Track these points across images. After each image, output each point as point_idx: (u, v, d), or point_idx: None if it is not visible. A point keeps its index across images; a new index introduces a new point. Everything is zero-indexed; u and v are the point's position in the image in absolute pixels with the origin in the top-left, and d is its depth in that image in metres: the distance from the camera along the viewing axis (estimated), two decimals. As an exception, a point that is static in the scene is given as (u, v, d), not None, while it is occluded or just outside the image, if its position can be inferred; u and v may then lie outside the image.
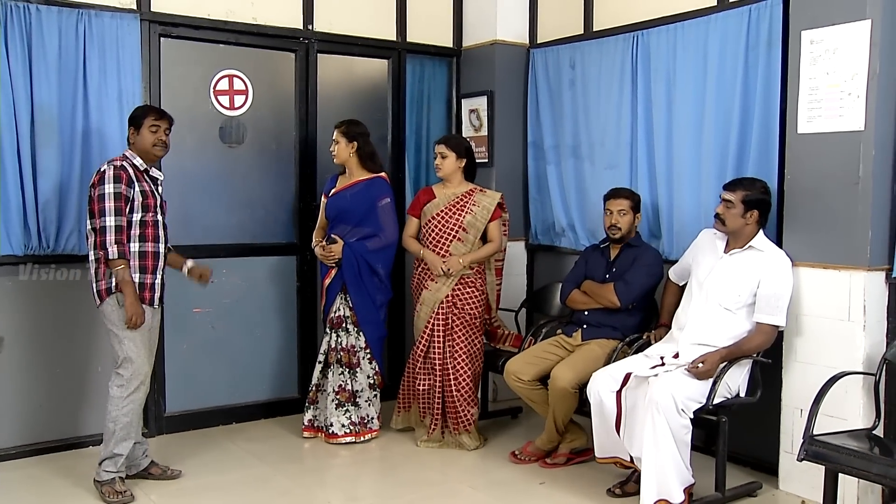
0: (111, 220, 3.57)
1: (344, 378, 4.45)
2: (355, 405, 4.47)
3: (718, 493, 3.66)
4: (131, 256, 3.65)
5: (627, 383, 3.64)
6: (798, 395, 3.74)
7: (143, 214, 3.68)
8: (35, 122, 4.11)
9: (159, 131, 3.75)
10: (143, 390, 3.74)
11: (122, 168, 3.63)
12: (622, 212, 4.17)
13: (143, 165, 3.73)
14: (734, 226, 3.70)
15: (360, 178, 4.48)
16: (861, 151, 3.48)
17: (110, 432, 3.71)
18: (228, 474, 4.06)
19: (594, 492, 3.82)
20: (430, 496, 3.84)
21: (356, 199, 4.44)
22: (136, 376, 3.69)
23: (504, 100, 5.36)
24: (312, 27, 4.97)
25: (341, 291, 4.46)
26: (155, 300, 3.76)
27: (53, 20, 4.13)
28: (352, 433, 4.45)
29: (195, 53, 4.67)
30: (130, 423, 3.71)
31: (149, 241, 3.71)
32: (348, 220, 4.43)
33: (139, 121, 3.74)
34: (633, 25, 4.64)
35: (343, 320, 4.45)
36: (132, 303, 3.60)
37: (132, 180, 3.64)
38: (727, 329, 3.67)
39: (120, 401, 3.69)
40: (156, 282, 3.75)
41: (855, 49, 3.48)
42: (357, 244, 4.40)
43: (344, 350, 4.45)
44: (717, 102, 4.17)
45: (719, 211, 3.75)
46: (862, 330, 3.51)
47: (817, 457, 3.10)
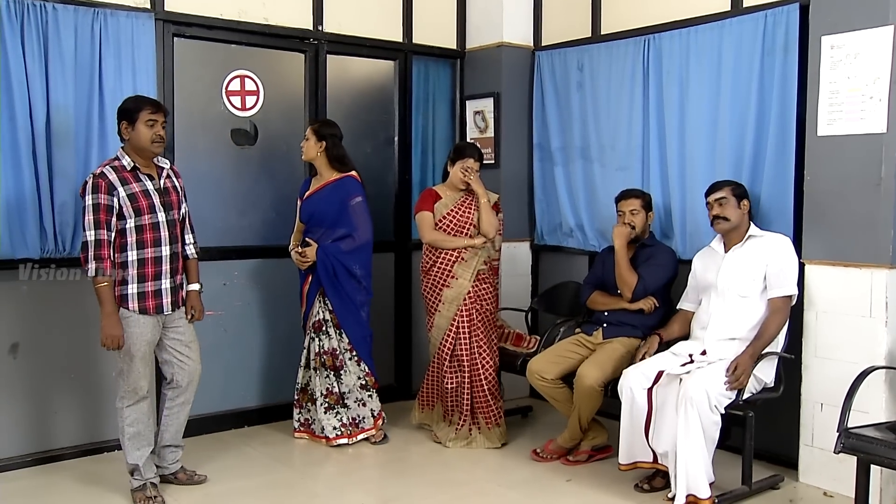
0: (91, 234, 3.41)
1: (329, 381, 4.44)
2: (345, 406, 4.47)
3: (745, 486, 3.75)
4: (130, 266, 3.50)
5: (659, 381, 3.71)
6: (818, 389, 3.85)
7: (136, 219, 3.50)
8: (51, 123, 4.03)
9: (156, 125, 3.52)
10: (145, 402, 3.65)
11: (101, 176, 3.44)
12: (634, 211, 4.26)
13: (131, 164, 3.51)
14: (735, 217, 3.85)
15: (330, 179, 4.47)
16: (883, 153, 3.59)
17: (123, 444, 3.65)
18: (253, 479, 4.02)
19: (621, 488, 3.88)
20: (463, 496, 3.86)
21: (328, 199, 4.42)
22: (132, 391, 3.59)
23: (510, 102, 5.41)
24: (322, 28, 4.97)
25: (319, 295, 4.44)
26: (164, 307, 3.61)
27: (70, 19, 4.06)
28: (343, 434, 4.45)
29: (208, 54, 4.63)
30: (139, 433, 3.64)
31: (148, 246, 3.54)
32: (322, 222, 4.42)
33: (133, 114, 3.50)
34: (644, 29, 4.72)
35: (323, 324, 4.45)
36: (107, 324, 3.43)
37: (113, 187, 3.44)
38: (748, 317, 3.77)
39: (121, 412, 3.63)
40: (161, 288, 3.59)
41: (877, 54, 3.59)
42: (331, 246, 4.39)
43: (326, 353, 4.44)
44: (732, 106, 4.26)
45: (717, 212, 3.87)
46: (884, 326, 3.63)
47: (854, 449, 3.20)
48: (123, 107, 3.55)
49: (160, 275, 3.59)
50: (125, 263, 3.51)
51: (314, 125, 4.49)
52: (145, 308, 3.54)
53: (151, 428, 3.73)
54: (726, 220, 3.86)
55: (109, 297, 3.45)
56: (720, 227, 3.90)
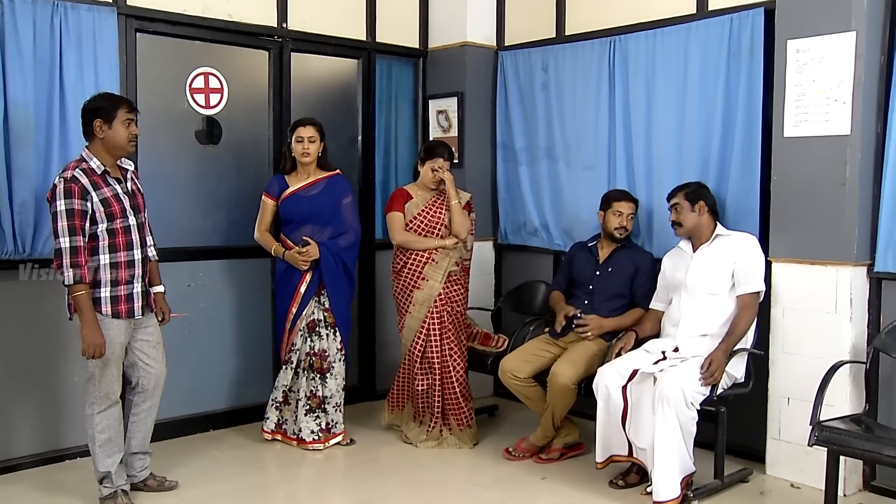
0: (65, 241, 3.29)
1: (315, 384, 4.40)
2: (324, 411, 4.42)
3: (718, 480, 3.83)
4: (102, 270, 3.41)
5: (633, 378, 3.76)
6: (785, 384, 3.96)
7: (108, 223, 3.40)
8: (9, 120, 3.88)
9: (132, 125, 3.46)
10: (116, 407, 3.57)
11: (72, 180, 3.31)
12: (630, 216, 4.31)
13: (100, 168, 3.41)
14: (690, 222, 3.94)
15: (319, 177, 4.42)
16: (847, 154, 3.71)
17: (93, 452, 3.55)
18: (226, 482, 3.95)
19: (596, 485, 3.92)
20: (441, 496, 3.85)
21: (323, 198, 4.38)
22: (103, 395, 3.51)
23: (474, 101, 5.42)
24: (286, 25, 4.90)
25: (316, 294, 4.40)
26: (136, 311, 3.52)
27: (28, 12, 3.91)
28: (320, 440, 4.40)
29: (171, 50, 4.52)
30: (109, 439, 3.55)
31: (120, 250, 3.45)
32: (316, 220, 4.36)
33: (110, 113, 3.40)
34: (610, 30, 4.77)
35: (317, 323, 4.40)
36: (88, 332, 3.33)
37: (87, 191, 3.33)
38: (718, 314, 3.86)
39: (91, 419, 3.53)
40: (133, 292, 3.51)
41: (841, 58, 3.71)
42: (331, 243, 4.36)
43: (315, 355, 4.39)
44: (698, 107, 4.35)
45: (673, 217, 4.00)
46: (849, 321, 3.75)
47: (827, 441, 3.29)
48: (97, 105, 3.43)
49: (132, 278, 3.51)
50: (97, 268, 3.40)
51: (316, 125, 4.40)
52: (118, 312, 3.46)
53: (122, 434, 3.63)
54: (680, 226, 3.98)
55: (88, 304, 3.34)
56: (677, 232, 4.03)
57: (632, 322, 4.20)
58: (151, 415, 3.77)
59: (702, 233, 3.95)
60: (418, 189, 4.54)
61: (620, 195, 4.35)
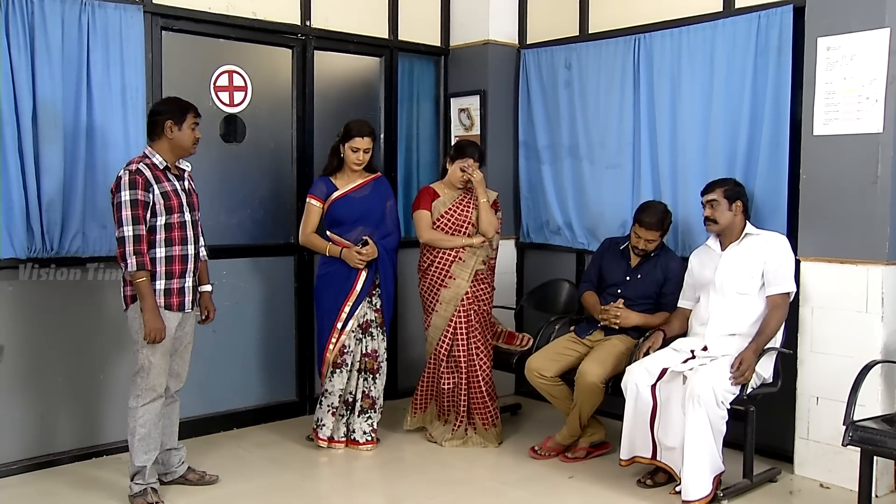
0: (129, 229, 3.40)
1: (368, 385, 4.40)
2: (374, 411, 4.44)
3: (747, 479, 3.82)
4: (157, 263, 3.50)
5: (662, 377, 3.75)
6: (814, 384, 3.93)
7: (167, 217, 3.52)
8: (38, 118, 3.89)
9: (196, 129, 3.64)
10: (160, 402, 3.61)
11: (137, 172, 3.44)
12: (652, 242, 4.23)
13: (163, 164, 3.55)
14: (725, 220, 3.90)
15: (367, 179, 4.42)
16: (879, 152, 3.68)
17: (131, 445, 3.59)
18: (253, 481, 3.94)
19: (624, 484, 3.91)
20: (468, 494, 3.85)
21: (374, 199, 4.39)
22: (150, 388, 3.56)
23: (496, 99, 5.41)
24: (310, 23, 4.90)
25: (367, 294, 4.38)
26: (186, 305, 3.62)
27: (56, 10, 3.92)
28: (371, 440, 4.41)
29: (196, 48, 4.52)
30: (149, 433, 3.58)
31: (176, 244, 3.56)
32: (369, 221, 4.35)
33: (182, 115, 3.57)
34: (634, 28, 4.76)
35: (369, 324, 4.39)
36: (150, 318, 3.44)
37: (150, 183, 3.46)
38: (747, 314, 3.83)
39: (135, 411, 3.57)
40: (185, 286, 3.61)
41: (873, 55, 3.68)
42: (386, 243, 4.37)
43: (368, 356, 4.39)
44: (725, 105, 4.32)
45: (707, 213, 3.94)
46: (880, 321, 3.73)
47: (861, 441, 3.27)
48: (170, 107, 3.59)
49: (185, 273, 3.61)
50: (153, 260, 3.49)
51: (373, 135, 4.34)
52: (170, 304, 3.54)
53: (160, 431, 3.66)
54: (715, 223, 3.92)
55: (150, 290, 3.45)
56: (710, 228, 3.97)
57: (659, 321, 4.18)
58: (176, 408, 3.85)
59: (732, 231, 3.92)
60: (445, 187, 4.53)
61: (650, 223, 4.16)
